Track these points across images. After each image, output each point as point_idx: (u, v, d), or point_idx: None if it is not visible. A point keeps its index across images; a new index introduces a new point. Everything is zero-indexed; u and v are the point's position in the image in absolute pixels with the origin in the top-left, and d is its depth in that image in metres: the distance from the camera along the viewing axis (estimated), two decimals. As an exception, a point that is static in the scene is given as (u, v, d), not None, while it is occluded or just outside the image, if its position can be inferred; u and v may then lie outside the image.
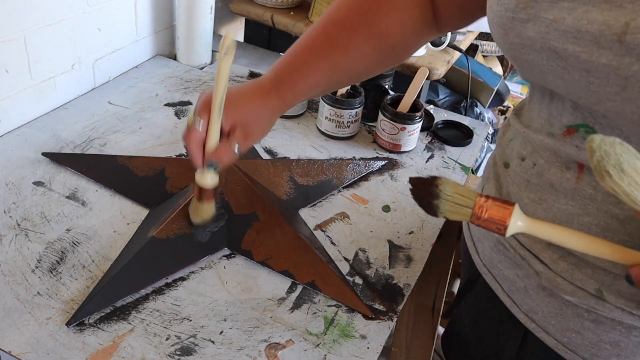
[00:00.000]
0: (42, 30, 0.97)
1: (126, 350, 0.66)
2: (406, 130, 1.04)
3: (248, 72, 1.27)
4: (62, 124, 1.01)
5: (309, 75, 0.70)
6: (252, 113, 0.69)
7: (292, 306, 0.74)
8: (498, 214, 0.46)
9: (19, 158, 0.92)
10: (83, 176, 0.89)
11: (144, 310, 0.71)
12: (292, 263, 0.79)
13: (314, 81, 0.70)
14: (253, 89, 0.70)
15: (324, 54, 0.69)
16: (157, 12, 1.22)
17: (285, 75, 0.70)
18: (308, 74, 0.70)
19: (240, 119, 0.68)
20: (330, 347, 0.70)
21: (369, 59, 0.70)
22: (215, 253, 0.80)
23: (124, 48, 1.17)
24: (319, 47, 0.69)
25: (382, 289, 0.79)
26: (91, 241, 0.79)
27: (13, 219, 0.81)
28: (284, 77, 0.70)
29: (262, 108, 0.70)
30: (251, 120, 0.69)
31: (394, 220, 0.91)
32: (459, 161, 1.08)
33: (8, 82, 0.94)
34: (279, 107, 0.71)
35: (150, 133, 1.02)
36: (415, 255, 0.85)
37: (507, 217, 0.46)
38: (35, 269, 0.74)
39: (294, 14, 1.38)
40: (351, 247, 0.85)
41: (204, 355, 0.67)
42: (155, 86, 1.16)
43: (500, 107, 2.03)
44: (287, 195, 0.91)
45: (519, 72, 0.56)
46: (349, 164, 1.00)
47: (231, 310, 0.73)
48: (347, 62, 0.70)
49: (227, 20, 1.53)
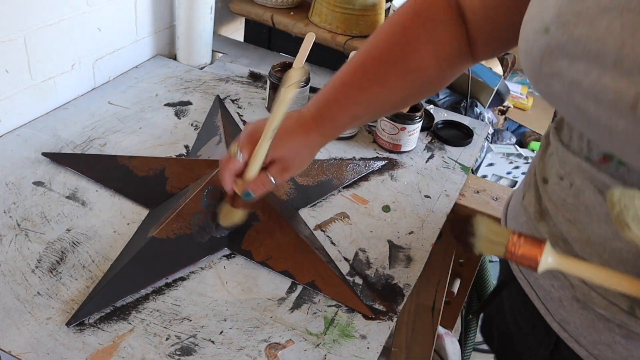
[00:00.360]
0: (42, 30, 0.97)
1: (126, 350, 0.66)
2: (406, 130, 1.04)
3: (248, 72, 1.27)
4: (62, 124, 1.01)
5: (349, 109, 0.72)
6: (293, 150, 0.72)
7: (292, 306, 0.74)
8: (530, 252, 0.50)
9: (19, 158, 0.92)
10: (83, 176, 0.89)
11: (144, 310, 0.71)
12: (292, 263, 0.79)
13: (353, 114, 0.73)
14: (295, 126, 0.72)
15: (363, 87, 0.71)
16: (157, 12, 1.22)
17: (326, 110, 0.72)
18: (347, 107, 0.72)
19: (280, 155, 0.71)
20: (330, 347, 0.70)
21: (406, 91, 0.73)
22: (215, 253, 0.80)
23: (124, 48, 1.17)
24: (357, 82, 0.72)
25: (382, 289, 0.79)
26: (91, 241, 0.79)
27: (13, 219, 0.81)
28: (325, 112, 0.72)
29: (302, 145, 0.72)
30: (291, 157, 0.72)
31: (394, 220, 0.91)
32: (459, 161, 1.08)
33: (8, 82, 0.94)
34: (319, 142, 0.74)
35: (150, 133, 1.02)
36: (415, 255, 0.85)
37: (539, 255, 0.49)
38: (35, 269, 0.74)
39: (294, 14, 1.38)
40: (351, 247, 0.85)
41: (204, 355, 0.67)
42: (155, 86, 1.16)
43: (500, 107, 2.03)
44: (287, 195, 0.91)
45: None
46: (349, 164, 1.00)
47: (231, 310, 0.73)
48: (384, 95, 0.72)
49: (227, 20, 1.53)
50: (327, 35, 1.30)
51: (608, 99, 0.45)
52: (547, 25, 0.49)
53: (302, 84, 1.08)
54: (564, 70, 0.48)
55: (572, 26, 0.46)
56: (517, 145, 1.86)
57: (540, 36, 0.50)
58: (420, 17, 0.69)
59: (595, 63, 0.45)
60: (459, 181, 1.02)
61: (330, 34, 1.30)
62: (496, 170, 1.82)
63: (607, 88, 0.45)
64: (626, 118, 0.44)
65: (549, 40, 0.49)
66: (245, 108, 1.14)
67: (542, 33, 0.50)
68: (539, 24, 0.50)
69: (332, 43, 1.30)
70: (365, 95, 0.71)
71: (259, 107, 1.15)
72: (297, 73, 0.67)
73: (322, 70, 1.32)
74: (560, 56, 0.48)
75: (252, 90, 1.21)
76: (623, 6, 0.43)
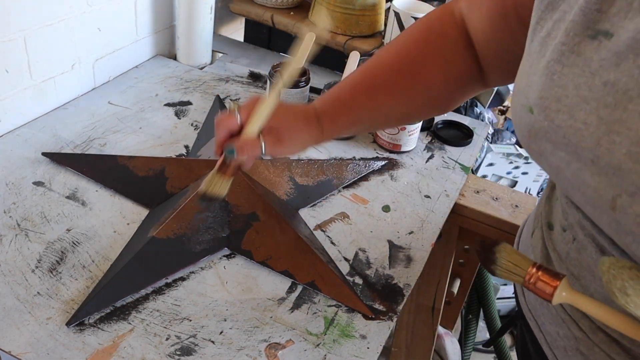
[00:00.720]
0: (42, 30, 0.97)
1: (126, 350, 0.66)
2: (406, 130, 1.04)
3: (248, 72, 1.27)
4: (62, 124, 1.01)
5: (352, 112, 0.72)
6: (292, 127, 0.71)
7: (292, 306, 0.74)
8: (546, 285, 0.51)
9: (19, 158, 0.92)
10: (83, 176, 0.89)
11: (144, 310, 0.71)
12: (292, 263, 0.79)
13: (356, 117, 0.72)
14: (300, 111, 0.72)
15: (369, 92, 0.71)
16: (157, 12, 1.22)
17: (330, 107, 0.72)
18: (351, 110, 0.72)
19: (278, 125, 0.69)
20: (330, 347, 0.70)
21: (411, 104, 0.72)
22: (215, 253, 0.80)
23: (124, 48, 1.17)
24: (365, 86, 0.72)
25: (382, 289, 0.79)
26: (91, 241, 0.79)
27: (13, 219, 0.81)
28: (328, 109, 0.72)
29: (303, 128, 0.71)
30: (288, 132, 0.70)
31: (394, 220, 0.91)
32: (459, 161, 1.08)
33: (8, 82, 0.94)
34: (317, 136, 0.72)
35: (150, 133, 1.02)
36: (415, 255, 0.85)
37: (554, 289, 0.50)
38: (35, 269, 0.74)
39: (294, 14, 1.38)
40: (351, 247, 0.85)
41: (204, 355, 0.67)
42: (155, 86, 1.16)
43: (500, 107, 2.03)
44: (287, 195, 0.91)
45: None
46: (349, 164, 1.00)
47: (231, 310, 0.73)
48: (389, 104, 0.72)
49: (227, 20, 1.53)
50: (327, 35, 1.30)
51: (588, 195, 0.44)
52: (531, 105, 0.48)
53: (302, 84, 1.08)
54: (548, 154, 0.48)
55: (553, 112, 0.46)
56: (517, 145, 1.86)
57: (526, 114, 0.49)
58: (433, 34, 0.70)
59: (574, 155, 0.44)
60: (459, 181, 1.02)
61: (330, 34, 1.30)
62: (496, 170, 1.82)
63: (586, 184, 0.44)
64: (608, 215, 0.44)
65: (533, 121, 0.48)
66: (245, 108, 1.14)
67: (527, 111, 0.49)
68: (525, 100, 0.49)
69: (332, 43, 1.30)
70: (371, 100, 0.71)
71: (259, 107, 1.15)
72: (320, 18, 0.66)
73: (322, 70, 1.32)
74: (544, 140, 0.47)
75: (252, 90, 1.21)
76: (600, 100, 0.42)
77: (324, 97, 0.73)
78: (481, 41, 0.67)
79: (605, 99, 0.42)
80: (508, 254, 0.53)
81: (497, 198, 1.01)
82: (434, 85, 0.70)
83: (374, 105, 0.72)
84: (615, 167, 0.42)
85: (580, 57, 0.44)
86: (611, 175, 0.42)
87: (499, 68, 0.69)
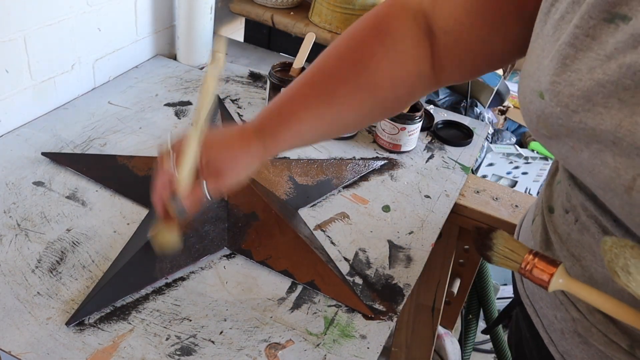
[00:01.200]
0: (42, 30, 0.97)
1: (126, 350, 0.66)
2: (406, 130, 1.04)
3: (248, 72, 1.27)
4: (62, 124, 1.01)
5: (293, 126, 0.66)
6: (228, 158, 0.66)
7: (292, 306, 0.74)
8: (542, 272, 0.51)
9: (19, 158, 0.92)
10: (83, 176, 0.89)
11: (144, 310, 0.71)
12: (292, 263, 0.79)
13: (298, 131, 0.67)
14: (234, 135, 0.68)
15: (309, 104, 0.66)
16: (157, 12, 1.22)
17: (269, 124, 0.67)
18: (292, 124, 0.66)
19: (213, 159, 0.65)
20: (330, 347, 0.70)
21: (357, 111, 0.67)
22: (215, 253, 0.80)
23: (124, 48, 1.17)
24: (303, 97, 0.66)
25: (382, 289, 0.79)
26: (91, 241, 0.79)
27: (13, 219, 0.81)
28: (267, 126, 0.67)
29: (241, 153, 0.66)
30: (225, 164, 0.66)
31: (394, 220, 0.91)
32: (459, 161, 1.08)
33: (8, 82, 0.94)
34: (260, 154, 0.67)
35: (150, 133, 1.02)
36: (415, 255, 0.85)
37: (550, 276, 0.50)
38: (35, 269, 0.74)
39: (294, 14, 1.38)
40: (351, 247, 0.85)
41: (204, 355, 0.67)
42: (155, 86, 1.16)
43: (500, 107, 2.03)
44: (287, 195, 0.91)
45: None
46: (349, 164, 1.00)
47: (231, 310, 0.73)
48: (332, 113, 0.66)
49: (227, 20, 1.53)
50: (327, 35, 1.30)
51: (604, 176, 0.44)
52: (542, 90, 0.47)
53: None
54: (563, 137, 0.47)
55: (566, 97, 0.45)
56: (517, 145, 1.87)
57: (536, 99, 0.48)
58: (381, 33, 0.64)
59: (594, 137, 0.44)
60: (459, 181, 1.02)
61: (330, 34, 1.30)
62: (496, 170, 1.82)
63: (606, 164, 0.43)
64: (620, 198, 0.43)
65: (544, 106, 0.47)
66: (245, 108, 1.14)
67: (537, 96, 0.48)
68: (535, 84, 0.48)
69: (332, 43, 1.30)
70: (311, 112, 0.66)
71: (259, 107, 1.15)
72: (219, 55, 0.62)
73: (322, 70, 1.32)
74: (556, 125, 0.46)
75: (252, 90, 1.21)
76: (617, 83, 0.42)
77: (263, 113, 0.68)
78: (452, 31, 0.62)
79: (623, 82, 0.42)
80: (505, 240, 0.53)
81: (497, 198, 1.01)
82: (380, 90, 0.65)
83: (316, 117, 0.66)
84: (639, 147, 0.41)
85: (595, 41, 0.44)
86: (634, 156, 0.42)
87: (461, 64, 0.65)
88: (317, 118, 0.67)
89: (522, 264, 0.51)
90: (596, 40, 0.44)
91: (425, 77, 0.66)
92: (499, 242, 0.53)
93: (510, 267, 0.53)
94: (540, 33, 0.50)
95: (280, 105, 0.67)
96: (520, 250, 0.52)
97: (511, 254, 0.52)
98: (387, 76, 0.65)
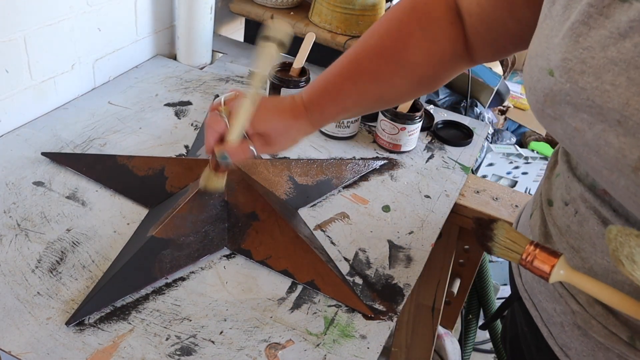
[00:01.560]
0: (42, 30, 0.97)
1: (126, 350, 0.66)
2: (406, 130, 1.04)
3: (248, 72, 1.27)
4: (62, 124, 1.01)
5: (339, 100, 0.72)
6: (279, 128, 0.72)
7: (292, 306, 0.74)
8: (543, 263, 0.51)
9: (19, 158, 0.92)
10: (83, 176, 0.89)
11: (144, 310, 0.71)
12: (292, 262, 0.79)
13: (343, 106, 0.73)
14: (286, 107, 0.73)
15: (354, 80, 0.71)
16: (157, 12, 1.22)
17: (316, 98, 0.73)
18: (338, 98, 0.72)
19: (265, 130, 0.71)
20: (330, 347, 0.70)
21: (398, 87, 0.72)
22: (215, 253, 0.80)
23: (124, 48, 1.17)
24: (349, 73, 0.71)
25: (382, 289, 0.79)
26: (91, 241, 0.79)
27: (13, 219, 0.81)
28: (315, 100, 0.73)
29: (289, 126, 0.73)
30: (275, 135, 0.72)
31: (394, 220, 0.91)
32: (459, 161, 1.08)
33: (8, 82, 0.94)
34: (306, 128, 0.74)
35: (150, 133, 1.02)
36: (415, 255, 0.85)
37: (551, 267, 0.50)
38: (35, 269, 0.74)
39: (294, 14, 1.38)
40: (351, 247, 0.85)
41: (204, 355, 0.67)
42: (155, 86, 1.16)
43: (500, 107, 2.03)
44: (287, 194, 0.91)
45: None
46: (349, 164, 1.00)
47: (231, 310, 0.73)
48: (376, 89, 0.72)
49: (227, 20, 1.53)
50: (327, 35, 1.30)
51: (610, 156, 0.44)
52: (552, 67, 0.47)
53: (302, 84, 1.08)
54: (567, 117, 0.47)
55: (576, 74, 0.45)
56: (517, 145, 1.87)
57: (545, 77, 0.48)
58: (417, 13, 0.69)
59: (599, 116, 0.44)
60: (459, 181, 1.02)
61: (330, 34, 1.30)
62: (496, 170, 1.82)
63: (610, 144, 0.44)
64: (627, 178, 0.43)
65: (553, 84, 0.47)
66: (245, 108, 1.14)
67: (546, 74, 0.48)
68: (544, 63, 0.49)
69: (332, 43, 1.30)
70: (356, 88, 0.71)
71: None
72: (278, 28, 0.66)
73: (322, 70, 1.32)
74: (564, 102, 0.47)
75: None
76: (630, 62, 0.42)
77: (311, 88, 0.74)
78: (474, 13, 0.66)
79: (635, 61, 0.42)
80: (506, 231, 0.53)
81: (497, 198, 1.01)
82: (420, 67, 0.70)
83: (361, 91, 0.72)
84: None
85: (609, 20, 0.44)
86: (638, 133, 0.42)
87: (488, 44, 0.68)
88: (360, 93, 0.72)
89: (522, 255, 0.51)
90: (609, 19, 0.44)
91: (460, 55, 0.70)
92: (500, 233, 0.53)
93: (511, 258, 0.53)
94: (549, 13, 0.51)
95: (326, 81, 0.73)
96: (521, 241, 0.52)
97: (512, 245, 0.52)
98: (425, 55, 0.69)
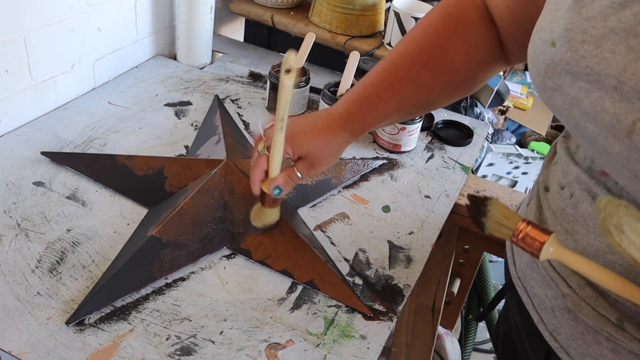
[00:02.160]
0: (42, 30, 0.97)
1: (126, 350, 0.66)
2: (406, 130, 1.04)
3: (248, 72, 1.27)
4: (62, 124, 1.01)
5: (379, 108, 0.73)
6: (319, 147, 0.73)
7: (292, 306, 0.74)
8: (534, 241, 0.51)
9: (19, 158, 0.92)
10: (83, 176, 0.89)
11: (144, 310, 0.71)
12: (291, 262, 0.79)
13: (383, 114, 0.73)
14: (322, 124, 0.73)
15: (393, 88, 0.72)
16: (157, 12, 1.22)
17: (355, 108, 0.73)
18: (377, 107, 0.73)
19: (306, 152, 0.72)
20: (330, 348, 0.70)
21: (437, 93, 0.73)
22: (215, 252, 0.80)
23: (124, 48, 1.17)
24: (388, 81, 0.72)
25: (382, 289, 0.79)
26: (91, 241, 0.79)
27: (13, 219, 0.81)
28: (354, 111, 0.73)
29: (329, 143, 0.73)
30: (317, 154, 0.73)
31: (394, 220, 0.91)
32: (459, 161, 1.08)
33: (8, 82, 0.94)
34: (347, 140, 0.75)
35: (150, 133, 1.02)
36: (415, 255, 0.85)
37: (541, 244, 0.51)
38: (35, 269, 0.74)
39: (294, 14, 1.38)
40: (351, 247, 0.85)
41: (204, 355, 0.67)
42: (155, 86, 1.16)
43: (500, 107, 2.03)
44: (286, 194, 0.91)
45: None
46: (348, 164, 1.00)
47: (231, 310, 0.73)
48: (415, 95, 0.72)
49: (227, 20, 1.53)
50: (327, 35, 1.30)
51: (606, 122, 0.45)
52: (554, 39, 0.49)
53: (302, 84, 1.08)
54: (566, 87, 0.48)
55: (577, 43, 0.47)
56: (517, 145, 1.86)
57: (547, 48, 0.50)
58: (452, 20, 0.70)
59: (596, 84, 0.45)
60: (459, 181, 1.02)
61: (330, 34, 1.30)
62: (496, 170, 1.82)
63: (605, 110, 0.45)
64: (621, 143, 0.45)
65: (554, 54, 0.49)
66: (245, 108, 1.14)
67: (548, 45, 0.50)
68: (547, 35, 0.50)
69: (332, 43, 1.30)
70: (396, 95, 0.72)
71: (259, 107, 1.15)
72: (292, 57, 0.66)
73: (322, 70, 1.32)
74: (564, 72, 0.48)
75: (252, 90, 1.21)
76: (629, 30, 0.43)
77: (348, 100, 0.74)
78: (505, 16, 0.67)
79: (635, 29, 0.43)
80: (500, 207, 0.54)
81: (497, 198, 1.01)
82: (458, 72, 0.71)
83: (400, 99, 0.72)
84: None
85: None
86: (634, 100, 0.43)
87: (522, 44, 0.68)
88: (400, 101, 0.72)
89: (514, 232, 0.52)
90: None
91: (497, 58, 0.71)
92: (494, 209, 0.54)
93: (503, 234, 0.53)
94: None
95: (365, 90, 0.73)
96: (514, 218, 0.53)
97: (505, 221, 0.53)
98: (464, 59, 0.70)
